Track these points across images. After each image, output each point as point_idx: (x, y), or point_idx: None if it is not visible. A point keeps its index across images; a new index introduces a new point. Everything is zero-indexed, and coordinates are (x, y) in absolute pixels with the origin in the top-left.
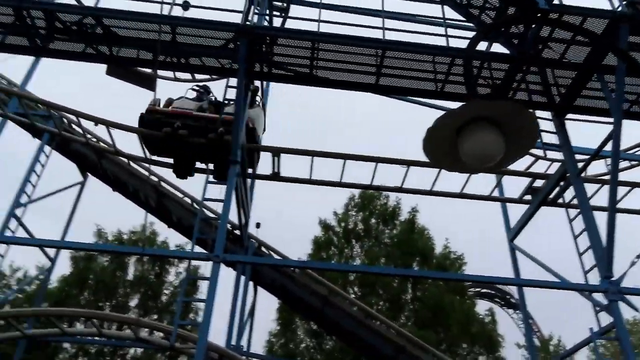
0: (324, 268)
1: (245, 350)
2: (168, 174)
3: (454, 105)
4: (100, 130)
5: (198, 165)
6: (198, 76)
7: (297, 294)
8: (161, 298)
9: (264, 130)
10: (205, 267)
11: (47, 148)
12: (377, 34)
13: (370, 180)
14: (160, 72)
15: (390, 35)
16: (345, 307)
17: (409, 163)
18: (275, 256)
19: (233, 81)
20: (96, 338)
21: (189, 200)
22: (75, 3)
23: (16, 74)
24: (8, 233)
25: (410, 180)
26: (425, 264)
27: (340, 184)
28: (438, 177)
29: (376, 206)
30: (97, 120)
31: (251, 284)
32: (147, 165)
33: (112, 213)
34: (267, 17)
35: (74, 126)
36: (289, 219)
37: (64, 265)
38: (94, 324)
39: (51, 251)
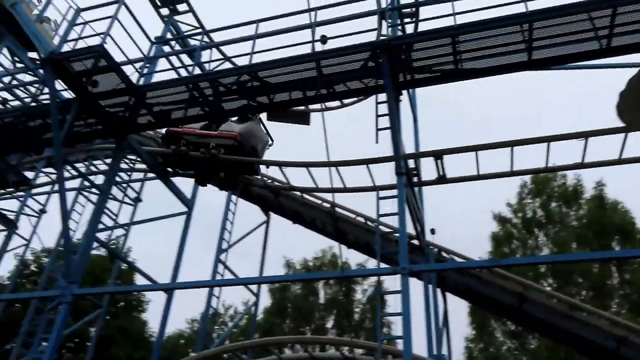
0: (514, 264)
1: (448, 359)
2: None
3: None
4: (273, 171)
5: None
6: (346, 100)
7: (488, 295)
8: (353, 316)
9: (271, 142)
10: (389, 281)
11: (233, 197)
12: (517, 9)
13: (545, 162)
14: (311, 107)
15: (532, 5)
16: (544, 301)
17: (586, 135)
18: (457, 259)
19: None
20: None
21: (362, 219)
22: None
23: None
24: (218, 277)
25: (589, 153)
26: (628, 242)
27: (512, 173)
28: (625, 144)
29: (553, 189)
30: (269, 163)
31: (438, 290)
32: (318, 194)
33: (296, 243)
34: (400, 27)
35: None
36: (456, 220)
37: (264, 298)
38: (306, 350)
39: (253, 286)
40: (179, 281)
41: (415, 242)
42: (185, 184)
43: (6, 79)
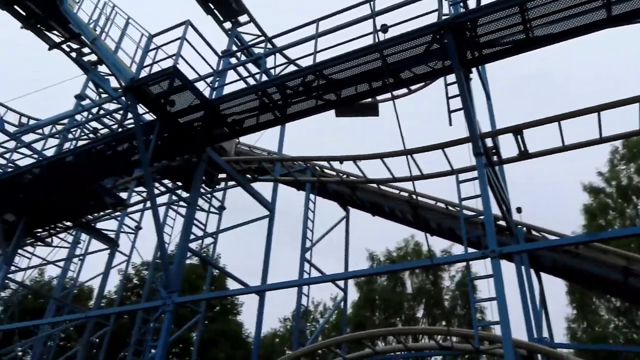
0: (614, 237)
1: (550, 342)
2: (418, 186)
3: None
4: (347, 166)
5: None
6: (414, 87)
7: (588, 271)
8: (444, 304)
9: None
10: (478, 266)
11: (311, 196)
12: None
13: (639, 124)
14: (379, 97)
15: None
16: None
17: None
18: (549, 237)
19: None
20: (404, 353)
21: (443, 205)
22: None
23: (270, 142)
24: (305, 275)
25: None
26: None
27: (601, 140)
28: None
29: None
30: (343, 158)
31: (532, 271)
32: (395, 184)
33: (377, 236)
34: (461, 3)
35: (326, 170)
36: (543, 196)
37: (350, 292)
38: (400, 341)
39: (340, 282)
40: (268, 282)
41: (502, 223)
42: (265, 188)
43: (94, 110)
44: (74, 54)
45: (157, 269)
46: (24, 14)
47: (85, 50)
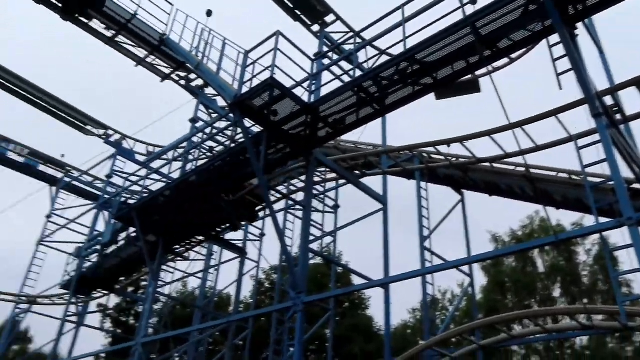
0: None
1: None
2: (533, 159)
3: None
4: (455, 148)
5: None
6: (514, 55)
7: None
8: (582, 281)
9: None
10: (615, 236)
11: (422, 184)
12: None
13: None
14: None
15: None
16: None
17: None
18: None
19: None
20: (543, 335)
21: (565, 175)
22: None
23: (374, 137)
24: (427, 265)
25: None
26: None
27: None
28: None
29: None
30: (449, 141)
31: None
32: (509, 160)
33: (498, 217)
34: None
35: (433, 156)
36: None
37: (478, 277)
38: (537, 323)
39: (464, 267)
40: (391, 275)
41: (636, 185)
42: (374, 182)
43: (207, 130)
44: (182, 82)
45: (284, 272)
46: (140, 56)
47: (192, 76)
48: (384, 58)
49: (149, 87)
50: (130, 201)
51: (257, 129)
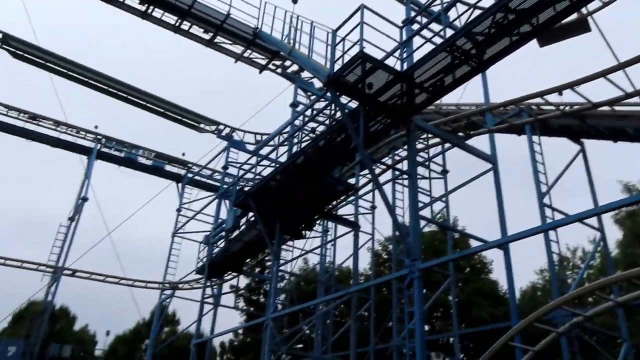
0: None
1: None
2: None
3: None
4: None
5: None
6: None
7: None
8: None
9: None
10: None
11: (534, 138)
12: None
13: None
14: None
15: None
16: None
17: None
18: None
19: None
20: None
21: None
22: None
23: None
24: (548, 220)
25: None
26: None
27: None
28: None
29: None
30: (560, 88)
31: None
32: (631, 100)
33: (622, 166)
34: None
35: (543, 107)
36: None
37: (611, 231)
38: None
39: (592, 222)
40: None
41: None
42: (482, 143)
43: (307, 112)
44: (279, 70)
45: (398, 242)
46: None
47: (287, 63)
48: (476, 13)
49: (248, 81)
50: (246, 188)
51: (354, 104)
